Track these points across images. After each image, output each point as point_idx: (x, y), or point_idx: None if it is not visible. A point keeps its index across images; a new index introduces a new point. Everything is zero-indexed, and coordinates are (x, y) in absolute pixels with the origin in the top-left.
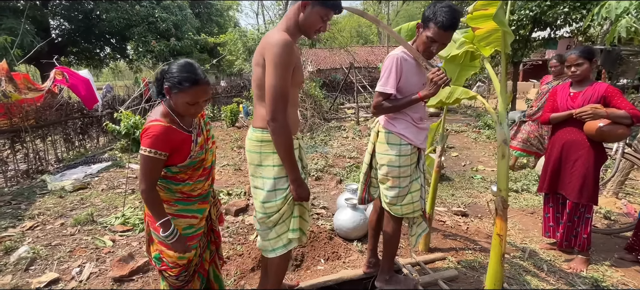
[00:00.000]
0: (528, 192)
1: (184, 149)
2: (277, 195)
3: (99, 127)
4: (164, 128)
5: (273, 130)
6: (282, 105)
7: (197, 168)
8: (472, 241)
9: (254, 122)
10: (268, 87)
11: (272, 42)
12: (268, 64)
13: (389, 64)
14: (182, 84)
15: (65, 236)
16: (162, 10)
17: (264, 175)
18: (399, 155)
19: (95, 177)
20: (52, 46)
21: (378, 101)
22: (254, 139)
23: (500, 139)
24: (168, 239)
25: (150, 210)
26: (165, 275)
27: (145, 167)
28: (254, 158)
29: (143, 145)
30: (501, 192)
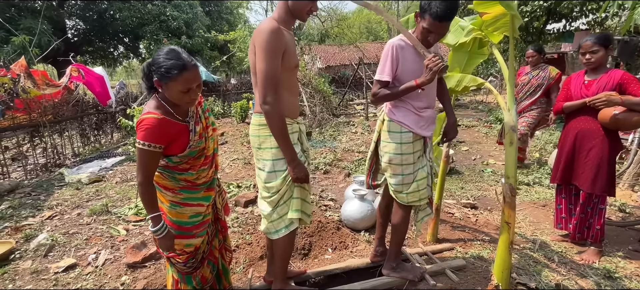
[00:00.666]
0: (540, 185)
1: (181, 139)
2: (276, 176)
3: (113, 123)
4: (158, 120)
5: (265, 112)
6: (271, 89)
7: (198, 157)
8: (481, 232)
9: (255, 108)
10: (258, 72)
11: (260, 29)
12: (258, 51)
13: (385, 52)
14: (170, 72)
15: (81, 225)
16: (173, 8)
17: (264, 157)
18: (400, 143)
19: (110, 170)
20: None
21: (375, 89)
22: (254, 122)
23: (509, 126)
24: (157, 233)
25: (143, 203)
26: (173, 261)
27: (141, 159)
28: (255, 141)
29: (138, 139)
30: (509, 179)
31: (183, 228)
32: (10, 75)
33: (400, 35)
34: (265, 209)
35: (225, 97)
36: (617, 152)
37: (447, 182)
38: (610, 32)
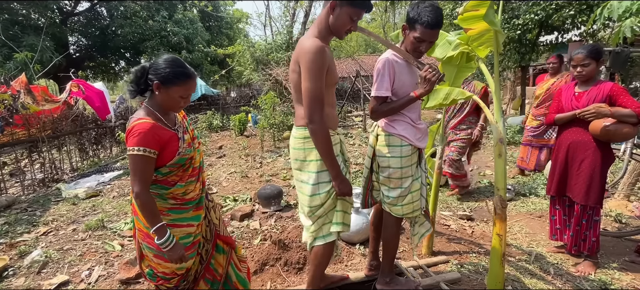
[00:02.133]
0: (536, 196)
1: (171, 146)
2: (320, 189)
3: (112, 138)
4: (151, 125)
5: (312, 131)
6: (318, 107)
7: (187, 168)
8: (477, 245)
9: (296, 122)
10: (304, 91)
11: (305, 48)
12: (303, 70)
13: (381, 68)
14: (178, 77)
15: (76, 241)
16: (174, 24)
17: (309, 169)
18: (400, 157)
19: (108, 185)
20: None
21: (375, 105)
22: (298, 136)
23: (497, 138)
24: (164, 245)
25: (145, 215)
26: (161, 288)
27: (136, 166)
28: (299, 154)
29: (131, 145)
30: (499, 191)
31: None
32: (10, 92)
33: (389, 51)
34: (306, 222)
35: (224, 110)
36: (609, 164)
37: (443, 194)
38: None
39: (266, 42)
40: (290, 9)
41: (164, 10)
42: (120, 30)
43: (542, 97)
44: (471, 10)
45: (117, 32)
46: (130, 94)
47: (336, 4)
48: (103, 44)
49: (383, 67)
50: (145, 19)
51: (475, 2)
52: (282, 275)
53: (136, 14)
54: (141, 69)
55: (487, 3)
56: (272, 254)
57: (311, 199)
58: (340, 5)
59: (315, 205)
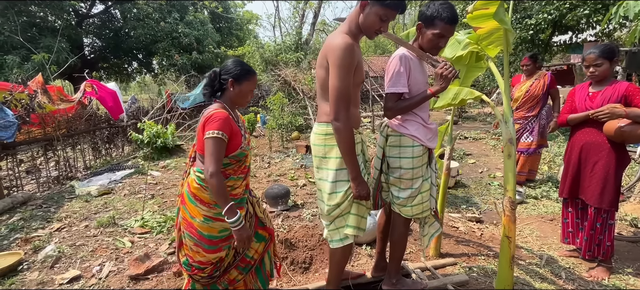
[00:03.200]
0: (548, 199)
1: (236, 139)
2: (337, 187)
3: (124, 137)
4: (227, 115)
5: (336, 129)
6: (344, 105)
7: (242, 163)
8: (486, 247)
9: (318, 118)
10: (331, 88)
11: (334, 45)
12: (331, 66)
13: (396, 64)
14: (248, 73)
15: (88, 237)
16: (185, 25)
17: (328, 166)
18: (412, 157)
19: (119, 183)
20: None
21: (390, 102)
22: (319, 132)
23: (506, 138)
24: (235, 224)
25: (218, 195)
26: (196, 278)
27: (213, 148)
28: (319, 150)
29: (211, 129)
30: (508, 192)
31: (212, 242)
32: (28, 91)
33: (402, 48)
34: (324, 221)
35: None
36: (625, 166)
37: (452, 196)
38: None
39: (275, 43)
40: (300, 10)
41: (176, 12)
42: (133, 31)
43: (521, 99)
44: (481, 8)
45: (130, 33)
46: (205, 97)
47: (367, 4)
48: (116, 45)
49: (399, 63)
50: (157, 20)
51: (485, 1)
52: (288, 274)
53: (149, 16)
54: (213, 73)
55: (496, 2)
56: (279, 253)
57: (329, 196)
58: (372, 5)
59: (333, 203)
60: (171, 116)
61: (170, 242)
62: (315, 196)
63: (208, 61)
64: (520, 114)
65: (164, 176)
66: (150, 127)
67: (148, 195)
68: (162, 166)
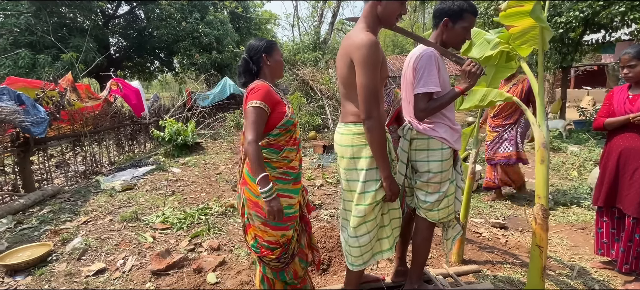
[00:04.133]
0: (578, 206)
1: (280, 108)
2: (367, 187)
3: (146, 134)
4: (268, 87)
5: (369, 128)
6: (375, 103)
7: (292, 133)
8: (511, 255)
9: (343, 118)
10: (360, 87)
11: (358, 43)
12: (357, 65)
13: (426, 62)
14: (273, 43)
15: (112, 231)
16: (205, 25)
17: (359, 166)
18: (441, 161)
19: (141, 179)
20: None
21: (423, 103)
22: (347, 132)
23: (539, 142)
24: (266, 195)
25: (253, 163)
26: (265, 261)
27: (253, 117)
28: (347, 151)
29: (252, 99)
30: (541, 199)
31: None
32: (58, 89)
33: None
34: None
35: None
36: None
37: (474, 200)
38: None
39: (294, 43)
40: (318, 10)
41: (197, 12)
42: (156, 31)
43: (498, 106)
44: (515, 6)
45: (153, 33)
46: (242, 85)
47: None
48: (140, 44)
49: (429, 61)
50: (179, 20)
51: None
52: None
53: (171, 16)
54: (243, 60)
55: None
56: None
57: (359, 196)
58: None
59: (366, 204)
60: (191, 114)
61: (190, 238)
62: (332, 197)
63: (227, 60)
64: (498, 122)
65: (184, 173)
66: (171, 124)
67: (169, 192)
68: (182, 163)
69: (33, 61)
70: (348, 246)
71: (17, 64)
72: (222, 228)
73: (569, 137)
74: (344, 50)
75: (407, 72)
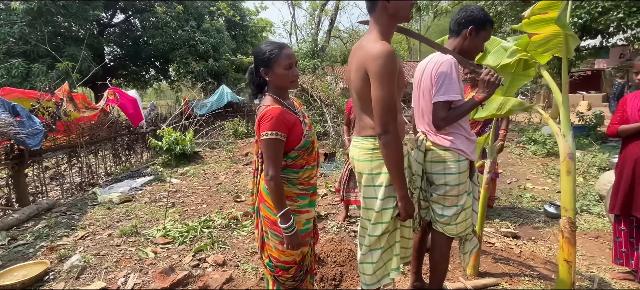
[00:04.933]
0: (588, 213)
1: (296, 130)
2: (387, 204)
3: (143, 143)
4: (280, 110)
5: (384, 143)
6: (392, 116)
7: (310, 151)
8: (527, 266)
9: (361, 131)
10: (375, 100)
11: (374, 54)
12: (373, 77)
13: (447, 69)
14: (272, 53)
15: (112, 246)
16: (201, 33)
17: (377, 182)
18: (458, 173)
19: (139, 190)
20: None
21: (444, 111)
22: (365, 147)
23: (565, 153)
24: (288, 230)
25: (275, 199)
26: (280, 280)
27: (270, 150)
28: (365, 166)
29: (266, 130)
30: (568, 212)
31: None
32: (54, 100)
33: (438, 53)
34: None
35: (249, 118)
36: None
37: None
38: None
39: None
40: (316, 17)
41: (193, 20)
42: (151, 40)
43: None
44: (539, 13)
45: (148, 42)
46: (252, 97)
47: None
48: (135, 53)
49: (450, 69)
50: (175, 29)
51: (545, 4)
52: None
53: (167, 24)
54: (249, 69)
55: (558, 4)
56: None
57: (377, 215)
58: None
59: (385, 222)
60: (189, 123)
61: (193, 253)
62: (337, 206)
63: (224, 68)
64: None
65: (183, 184)
66: (169, 133)
67: (169, 204)
68: (181, 173)
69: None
70: (361, 264)
71: (10, 74)
72: (226, 242)
73: None
74: (358, 61)
75: (423, 80)
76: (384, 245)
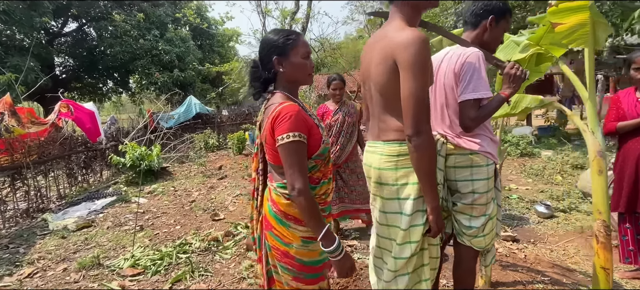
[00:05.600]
0: (578, 212)
1: (314, 134)
2: (416, 220)
3: (103, 161)
4: (298, 107)
5: (417, 146)
6: (425, 115)
7: (327, 161)
8: (536, 272)
9: (381, 135)
10: (407, 96)
11: (405, 41)
12: (404, 69)
13: (475, 63)
14: (289, 39)
15: (68, 283)
16: (165, 42)
17: (403, 194)
18: (487, 178)
19: (100, 213)
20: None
21: (474, 110)
22: (389, 153)
23: (594, 151)
24: (335, 254)
25: (310, 217)
26: None
27: (294, 156)
28: (389, 176)
29: (285, 132)
30: (601, 214)
31: (314, 269)
32: None
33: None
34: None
35: (220, 129)
36: None
37: None
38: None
39: None
40: (286, 26)
41: (155, 29)
42: (109, 50)
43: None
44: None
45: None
46: (255, 96)
47: None
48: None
49: (478, 63)
50: (136, 38)
51: None
52: None
53: (127, 33)
54: (253, 62)
55: None
56: None
57: (405, 234)
58: None
59: (414, 241)
60: (155, 137)
61: (170, 284)
62: None
63: (190, 79)
64: None
65: (151, 203)
66: (133, 149)
67: (136, 228)
68: (148, 192)
69: None
70: None
71: None
72: (208, 268)
73: (538, 142)
74: (382, 52)
75: (443, 75)
76: (411, 270)
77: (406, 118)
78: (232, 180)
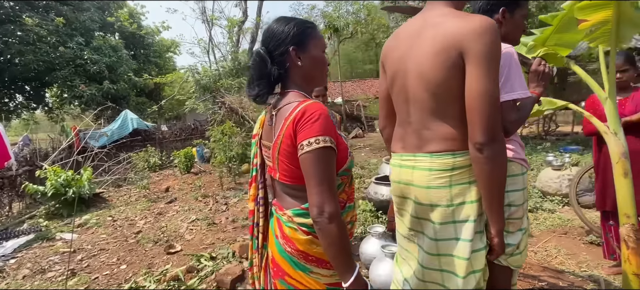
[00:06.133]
0: (543, 211)
1: (341, 141)
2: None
3: (13, 190)
4: (326, 108)
5: (491, 157)
6: (499, 119)
7: (352, 179)
8: (530, 277)
9: (424, 146)
10: (478, 94)
11: (478, 28)
12: (477, 62)
13: (509, 61)
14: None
15: None
16: (92, 51)
17: (461, 217)
18: (523, 189)
19: (12, 258)
20: None
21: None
22: (440, 167)
23: (618, 153)
24: None
25: (340, 252)
26: None
27: (326, 169)
28: (441, 196)
29: (315, 135)
30: (630, 218)
31: None
32: None
33: None
34: None
35: (163, 147)
36: None
37: None
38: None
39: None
40: (234, 35)
41: (79, 36)
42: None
43: None
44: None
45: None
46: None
47: None
48: None
49: (511, 60)
50: (54, 45)
51: None
52: None
53: (42, 39)
54: (258, 56)
55: None
56: None
57: (468, 264)
58: None
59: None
60: (83, 158)
61: None
62: None
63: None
64: None
65: (83, 239)
66: (55, 174)
67: (66, 273)
68: (78, 225)
69: None
70: None
71: None
72: None
73: None
74: (440, 40)
75: None
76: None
77: (476, 122)
78: (184, 203)
